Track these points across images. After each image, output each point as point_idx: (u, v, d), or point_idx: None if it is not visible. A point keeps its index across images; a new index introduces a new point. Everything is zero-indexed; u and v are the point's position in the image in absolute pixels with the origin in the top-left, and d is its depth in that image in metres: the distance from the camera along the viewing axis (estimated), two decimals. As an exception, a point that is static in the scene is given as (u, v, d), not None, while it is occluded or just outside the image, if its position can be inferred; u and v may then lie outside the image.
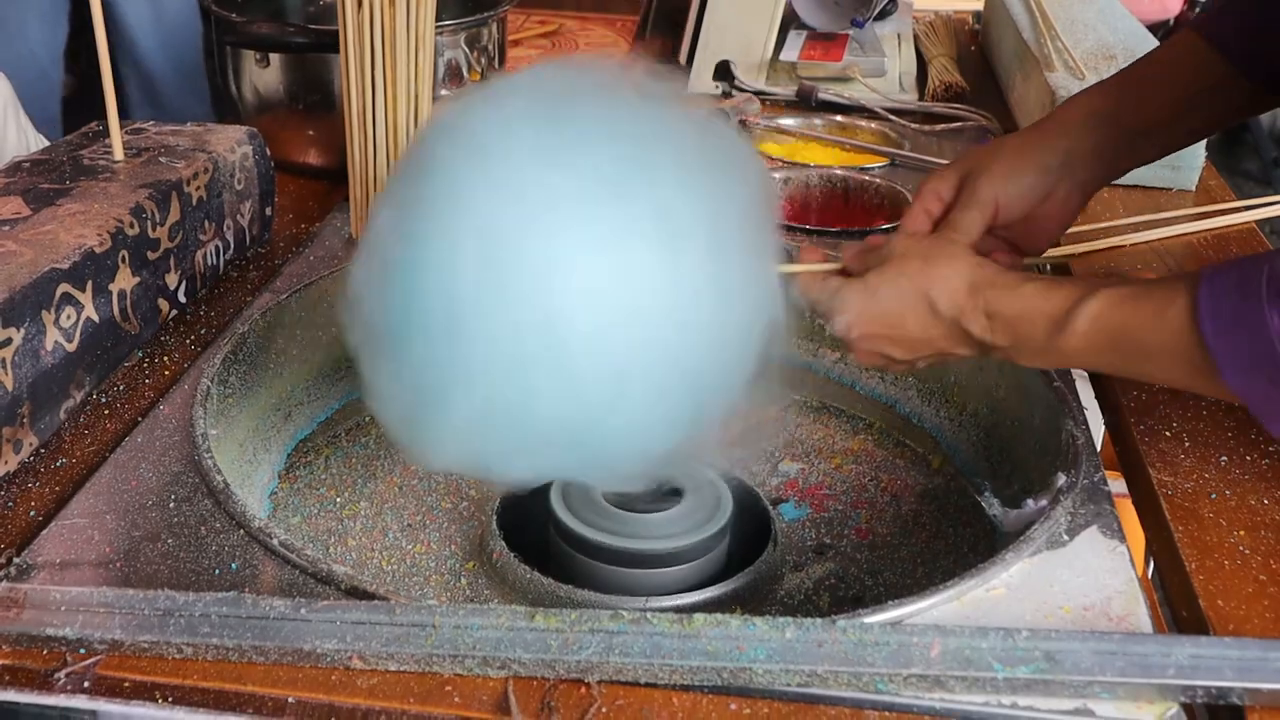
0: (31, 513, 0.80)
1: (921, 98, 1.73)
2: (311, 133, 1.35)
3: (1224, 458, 0.87)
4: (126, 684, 0.66)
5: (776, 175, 1.42)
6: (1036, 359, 0.82)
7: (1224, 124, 1.05)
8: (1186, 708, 0.65)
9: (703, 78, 1.75)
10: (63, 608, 0.68)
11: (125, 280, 0.95)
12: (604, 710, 0.64)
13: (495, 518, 0.93)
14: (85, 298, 0.90)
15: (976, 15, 2.16)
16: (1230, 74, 0.94)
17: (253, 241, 1.17)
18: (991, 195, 0.91)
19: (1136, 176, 1.31)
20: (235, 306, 1.07)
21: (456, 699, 0.65)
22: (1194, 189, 1.37)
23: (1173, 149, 1.02)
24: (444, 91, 1.34)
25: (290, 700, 0.65)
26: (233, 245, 1.13)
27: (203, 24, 2.01)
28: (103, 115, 1.06)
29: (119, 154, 1.05)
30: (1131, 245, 1.23)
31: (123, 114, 1.08)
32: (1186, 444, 0.89)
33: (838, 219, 1.39)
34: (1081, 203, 0.96)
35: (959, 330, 0.82)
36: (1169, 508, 0.82)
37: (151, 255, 0.99)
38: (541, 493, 0.91)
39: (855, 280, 0.84)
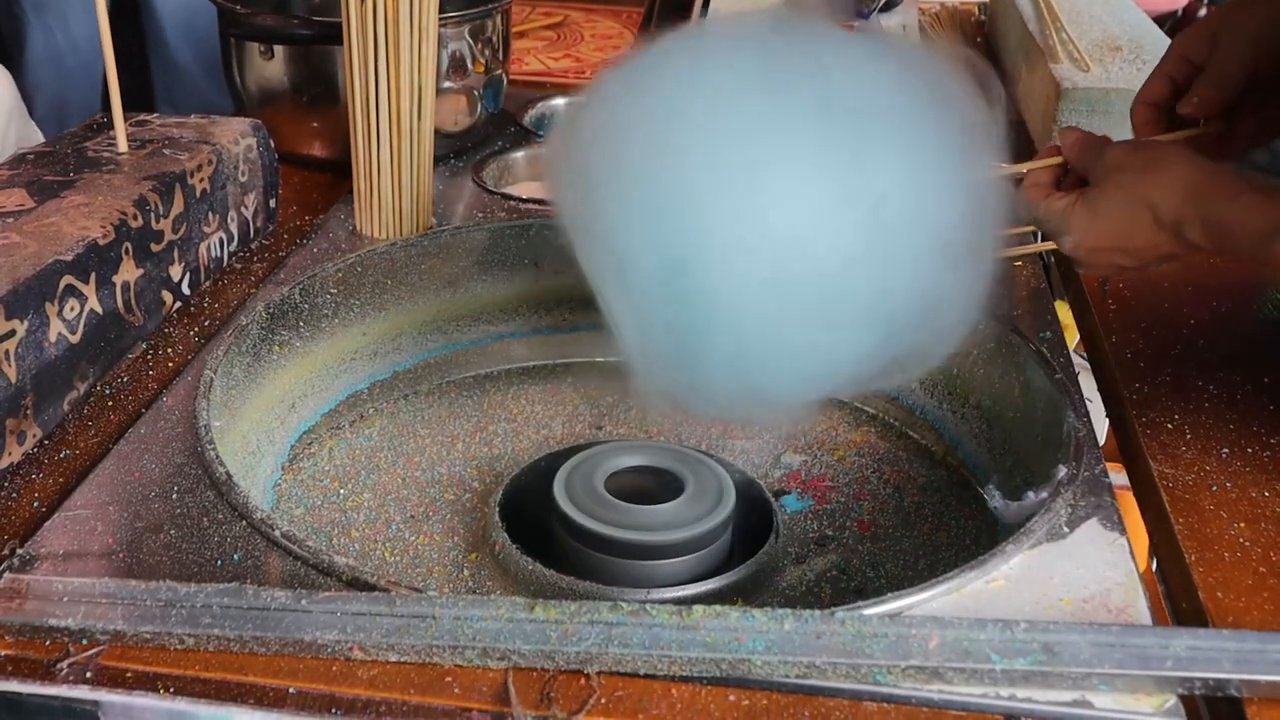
0: (35, 504, 0.81)
1: (926, 89, 1.72)
2: (315, 125, 1.35)
3: (1225, 450, 0.87)
4: (129, 674, 0.66)
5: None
6: (1253, 261, 0.81)
7: None
8: (1185, 700, 0.65)
9: (707, 69, 1.74)
10: (65, 598, 0.69)
11: (129, 272, 0.95)
12: (603, 701, 0.65)
13: (498, 509, 0.93)
14: (89, 289, 0.90)
15: (982, 6, 2.15)
16: None
17: (256, 233, 1.17)
18: (1253, 37, 0.90)
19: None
20: (239, 298, 1.07)
21: (456, 690, 0.65)
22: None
23: None
24: (447, 84, 1.34)
25: (291, 691, 0.65)
26: (236, 237, 1.13)
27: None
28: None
29: (123, 146, 1.05)
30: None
31: (147, 107, 1.08)
32: (1188, 436, 0.89)
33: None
34: None
35: (1180, 236, 0.82)
36: (1170, 500, 0.82)
37: (155, 247, 0.99)
38: (544, 484, 0.91)
39: (1078, 199, 0.85)
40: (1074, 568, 0.75)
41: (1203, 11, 3.92)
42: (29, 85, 2.05)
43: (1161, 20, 2.21)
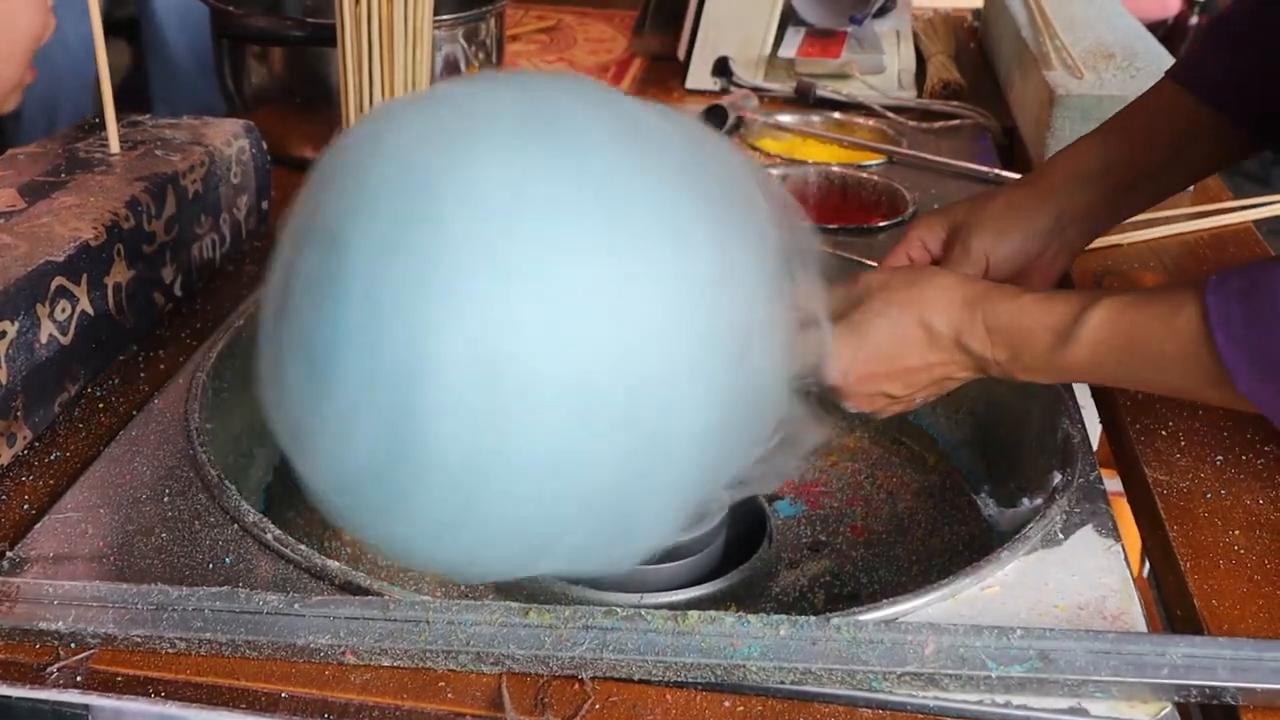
0: (25, 506, 0.80)
1: (920, 95, 1.73)
2: (308, 126, 1.35)
3: (1220, 457, 0.87)
4: (119, 678, 0.66)
5: (774, 172, 1.42)
6: (1038, 374, 0.79)
7: (1213, 170, 1.04)
8: (1180, 707, 0.65)
9: (701, 73, 1.75)
10: (56, 602, 0.68)
11: (120, 274, 0.95)
12: (597, 707, 0.64)
13: (490, 513, 0.93)
14: (80, 291, 0.90)
15: (976, 12, 2.16)
16: (1215, 122, 0.93)
17: (249, 235, 1.17)
18: (983, 253, 0.91)
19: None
20: (231, 300, 1.07)
21: (450, 695, 0.65)
22: (1191, 188, 1.37)
23: (1162, 198, 1.01)
24: (441, 86, 1.34)
25: (283, 695, 0.65)
26: (228, 239, 1.13)
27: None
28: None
29: (115, 147, 1.05)
30: (1129, 244, 1.23)
31: (143, 108, 1.07)
32: (1182, 443, 0.89)
33: (835, 216, 1.39)
34: (1069, 260, 0.96)
35: (959, 349, 0.80)
36: (1164, 507, 0.82)
37: (147, 249, 0.98)
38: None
39: (838, 324, 0.80)
40: (1069, 574, 0.75)
41: (1193, 20, 3.94)
42: None
43: (1153, 28, 2.22)
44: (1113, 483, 0.87)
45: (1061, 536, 0.78)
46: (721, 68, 1.72)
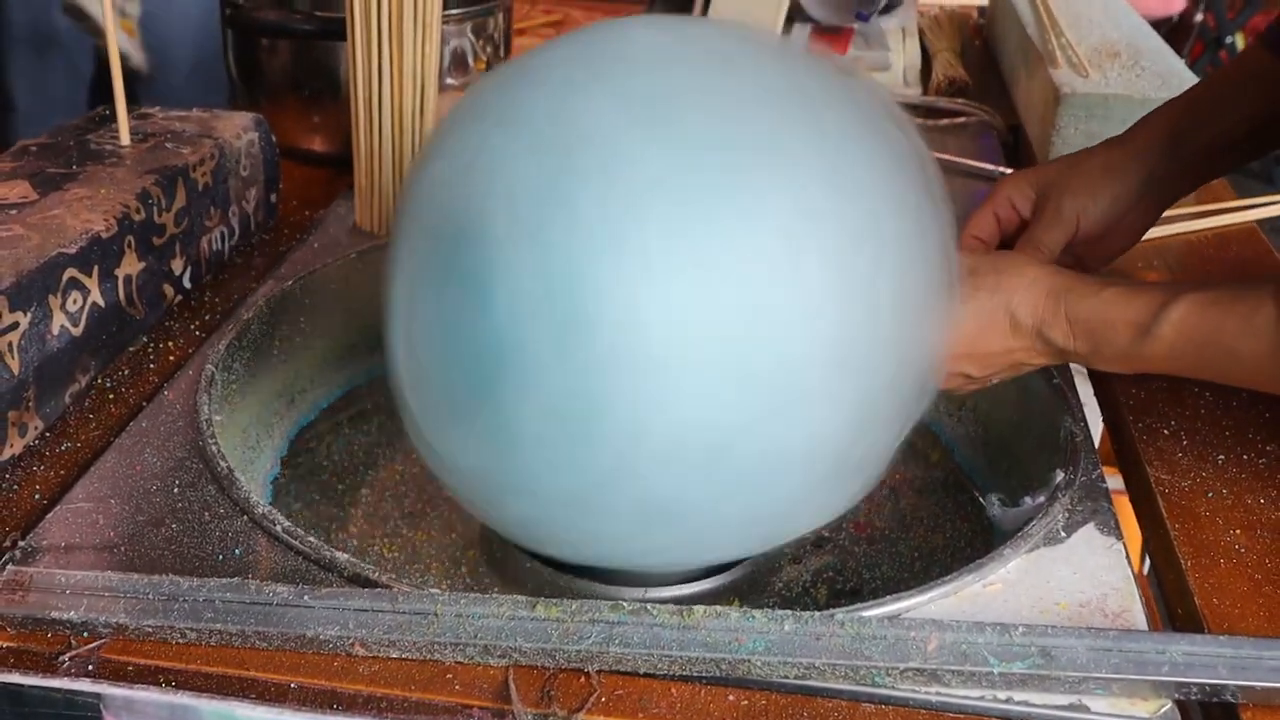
0: (36, 496, 0.81)
1: (925, 92, 1.73)
2: (317, 119, 1.35)
3: (1221, 456, 0.88)
4: (130, 668, 0.66)
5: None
6: (1117, 364, 0.81)
7: None
8: (1180, 705, 0.66)
9: (707, 69, 1.75)
10: (67, 591, 0.69)
11: (131, 265, 0.95)
12: (603, 700, 0.65)
13: (496, 506, 0.93)
14: (91, 282, 0.90)
15: (981, 10, 2.16)
16: None
17: (258, 228, 1.18)
18: (1074, 213, 0.92)
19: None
20: (240, 293, 1.07)
21: (457, 686, 0.66)
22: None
23: (1250, 161, 1.02)
24: (449, 80, 1.34)
25: (292, 686, 0.66)
26: (238, 231, 1.13)
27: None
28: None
29: (125, 139, 1.06)
30: (1132, 243, 1.23)
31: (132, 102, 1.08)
32: (1184, 442, 0.90)
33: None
34: (1154, 220, 0.97)
35: (1041, 339, 0.81)
36: (1166, 505, 0.83)
37: (157, 241, 0.99)
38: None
39: None
40: (1071, 572, 0.76)
41: (1199, 17, 3.93)
42: (11, 74, 2.06)
43: (1158, 25, 2.22)
44: (1113, 480, 0.87)
45: (1063, 534, 0.79)
46: (728, 63, 1.72)
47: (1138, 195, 0.95)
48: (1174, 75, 1.39)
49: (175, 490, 0.81)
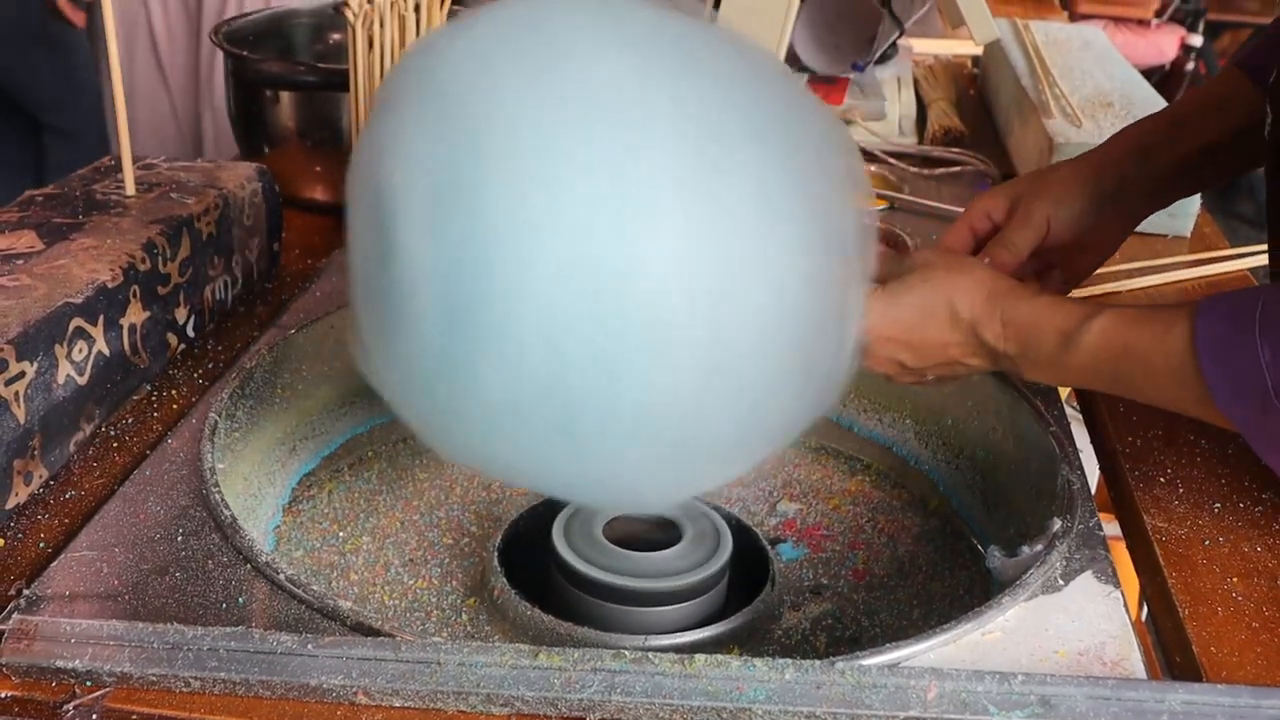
0: (41, 544, 0.81)
1: (921, 141, 1.75)
2: (319, 169, 1.37)
3: (1218, 505, 0.89)
4: (134, 717, 0.67)
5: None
6: (1043, 372, 0.84)
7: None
8: (1179, 753, 0.66)
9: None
10: (72, 640, 0.69)
11: (136, 314, 0.96)
12: (605, 749, 0.65)
13: (497, 554, 0.94)
14: (97, 332, 0.91)
15: (976, 60, 2.19)
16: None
17: (260, 277, 1.19)
18: (1044, 217, 0.95)
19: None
20: (242, 341, 1.08)
21: (460, 736, 0.66)
22: (1189, 235, 1.39)
23: (1221, 181, 1.05)
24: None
25: (296, 735, 0.66)
26: (241, 280, 1.14)
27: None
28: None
29: (130, 189, 1.07)
30: (1128, 291, 1.25)
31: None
32: (1181, 490, 0.90)
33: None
34: (1126, 233, 1.00)
35: (974, 337, 0.84)
36: (1163, 554, 0.84)
37: (162, 290, 1.00)
38: (543, 529, 0.92)
39: (877, 288, 0.85)
40: (1069, 620, 0.76)
41: (1189, 66, 3.97)
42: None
43: (1150, 73, 2.24)
44: (1110, 527, 0.88)
45: (1061, 582, 0.80)
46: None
47: (1109, 201, 0.97)
48: (1166, 126, 1.40)
49: (179, 538, 0.82)
